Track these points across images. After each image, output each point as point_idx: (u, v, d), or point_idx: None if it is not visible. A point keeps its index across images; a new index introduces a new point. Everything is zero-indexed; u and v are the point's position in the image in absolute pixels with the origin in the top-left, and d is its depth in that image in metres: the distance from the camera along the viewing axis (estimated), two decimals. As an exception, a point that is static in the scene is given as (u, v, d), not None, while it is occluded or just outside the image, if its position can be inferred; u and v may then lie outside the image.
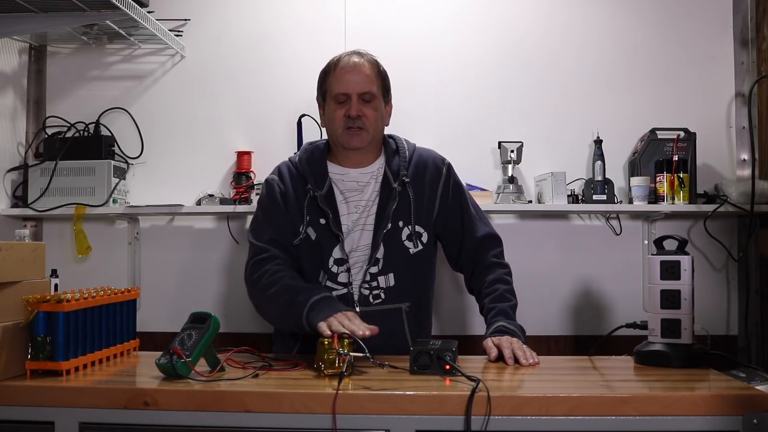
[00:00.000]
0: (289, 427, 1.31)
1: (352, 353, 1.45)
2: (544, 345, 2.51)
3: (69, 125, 2.59)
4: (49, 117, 2.64)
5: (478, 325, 2.41)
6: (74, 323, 1.48)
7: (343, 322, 1.55)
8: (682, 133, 2.44)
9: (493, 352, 1.63)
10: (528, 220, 2.60)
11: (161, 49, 2.64)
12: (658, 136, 2.44)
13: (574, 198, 2.46)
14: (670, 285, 1.59)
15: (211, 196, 2.52)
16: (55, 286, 2.07)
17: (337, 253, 1.83)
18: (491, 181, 2.56)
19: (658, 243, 1.67)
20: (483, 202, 2.32)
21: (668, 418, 1.28)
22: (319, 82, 1.92)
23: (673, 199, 2.39)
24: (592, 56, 2.59)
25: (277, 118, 2.61)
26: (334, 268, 1.83)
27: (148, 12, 2.35)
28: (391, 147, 1.94)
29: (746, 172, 2.51)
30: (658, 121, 2.49)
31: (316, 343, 1.52)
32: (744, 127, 2.54)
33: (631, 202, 2.45)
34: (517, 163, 2.49)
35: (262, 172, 2.44)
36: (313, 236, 1.84)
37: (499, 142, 2.49)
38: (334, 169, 1.91)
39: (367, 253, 1.83)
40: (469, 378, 1.37)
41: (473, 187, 2.47)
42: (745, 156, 2.54)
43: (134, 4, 2.20)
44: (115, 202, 2.49)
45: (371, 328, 1.55)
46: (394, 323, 1.84)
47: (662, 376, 1.48)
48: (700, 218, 2.50)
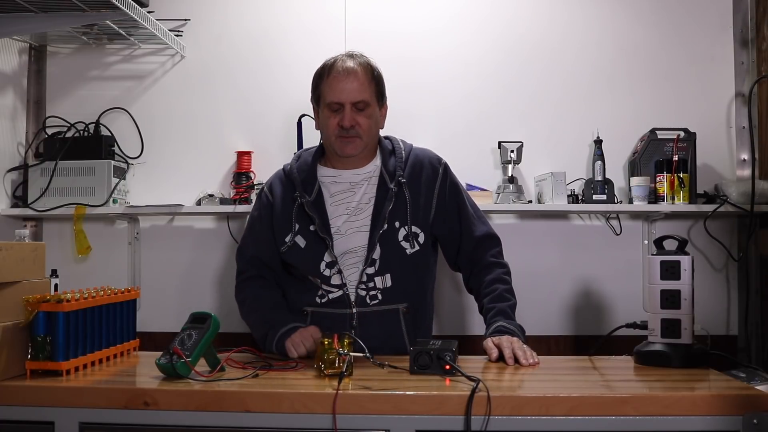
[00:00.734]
0: (289, 427, 1.32)
1: (352, 353, 1.45)
2: (544, 345, 2.51)
3: (69, 125, 2.59)
4: (49, 117, 2.64)
5: (477, 325, 2.41)
6: (74, 323, 1.48)
7: (294, 341, 1.71)
8: (682, 133, 2.44)
9: (494, 353, 1.63)
10: (528, 220, 2.60)
11: (161, 49, 2.64)
12: (658, 136, 2.44)
13: (574, 198, 2.46)
14: (670, 285, 1.59)
15: (211, 196, 2.52)
16: (55, 286, 2.07)
17: (327, 257, 1.83)
18: (491, 181, 2.55)
19: (658, 243, 1.67)
20: (483, 202, 2.32)
21: (668, 418, 1.28)
22: (313, 86, 1.90)
23: (673, 199, 2.39)
24: (592, 56, 2.59)
25: (277, 118, 2.61)
26: (327, 271, 1.83)
27: (148, 12, 2.35)
28: (387, 148, 1.93)
29: (746, 172, 2.51)
30: (658, 121, 2.49)
31: (316, 344, 1.52)
32: (744, 127, 2.54)
33: (631, 202, 2.45)
34: (517, 163, 2.49)
35: (262, 172, 2.45)
36: (303, 243, 1.85)
37: (499, 142, 2.49)
38: (326, 172, 1.91)
39: (363, 254, 1.83)
40: (469, 378, 1.37)
41: (473, 187, 2.47)
42: (745, 156, 2.54)
43: (134, 4, 2.20)
44: (115, 202, 2.49)
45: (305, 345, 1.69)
46: (392, 324, 1.84)
47: (662, 376, 1.48)
48: (700, 218, 2.50)
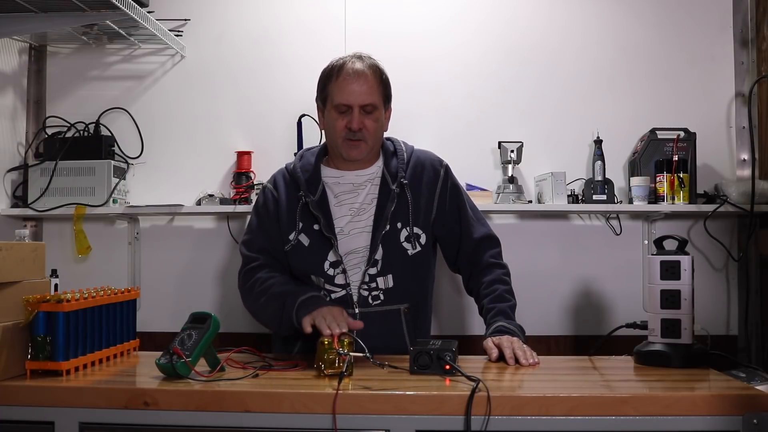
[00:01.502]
0: (289, 427, 1.31)
1: (352, 353, 1.45)
2: (544, 345, 2.51)
3: (69, 125, 2.59)
4: (49, 117, 2.64)
5: (477, 326, 2.41)
6: (74, 323, 1.48)
7: (326, 317, 1.58)
8: (682, 133, 2.44)
9: (494, 353, 1.63)
10: (528, 220, 2.60)
11: (161, 49, 2.64)
12: (658, 136, 2.44)
13: (574, 198, 2.46)
14: (670, 285, 1.59)
15: (211, 196, 2.52)
16: (55, 286, 2.07)
17: (332, 257, 1.83)
18: (491, 181, 2.55)
19: (658, 243, 1.67)
20: (483, 203, 2.33)
21: (668, 418, 1.28)
22: (320, 86, 1.89)
23: (673, 199, 2.39)
24: (592, 56, 2.59)
25: (277, 118, 2.61)
26: (330, 271, 1.83)
27: (148, 12, 2.35)
28: (389, 149, 1.94)
29: (746, 172, 2.51)
30: (658, 121, 2.49)
31: (316, 343, 1.52)
32: (744, 127, 2.54)
33: (631, 202, 2.45)
34: (517, 163, 2.49)
35: (262, 172, 2.45)
36: (306, 242, 1.85)
37: (499, 142, 2.49)
38: (329, 173, 1.91)
39: (365, 255, 1.83)
40: (469, 378, 1.37)
41: (473, 187, 2.47)
42: (745, 156, 2.54)
43: (134, 4, 2.20)
44: (115, 202, 2.49)
45: (354, 323, 1.59)
46: (393, 324, 1.84)
47: (662, 376, 1.48)
48: (700, 218, 2.50)
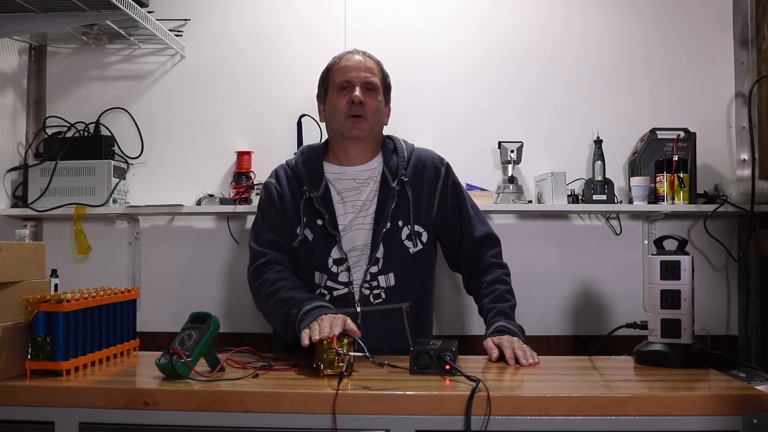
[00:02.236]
0: (289, 427, 1.31)
1: (351, 353, 1.45)
2: (544, 345, 2.51)
3: (69, 125, 2.59)
4: (49, 117, 2.63)
5: (477, 325, 2.41)
6: (74, 323, 1.48)
7: (323, 329, 1.50)
8: (682, 133, 2.43)
9: (494, 353, 1.63)
10: (528, 220, 2.60)
11: (161, 49, 2.64)
12: (658, 136, 2.44)
13: (574, 198, 2.46)
14: (670, 285, 1.59)
15: (211, 196, 2.52)
16: (55, 286, 2.07)
17: (335, 253, 1.84)
18: (491, 181, 2.55)
19: (658, 243, 1.67)
20: (483, 202, 2.32)
21: (668, 418, 1.28)
22: (322, 78, 1.96)
23: (673, 199, 2.39)
24: (592, 56, 2.59)
25: (277, 118, 2.60)
26: (334, 268, 1.84)
27: (148, 12, 2.35)
28: (389, 147, 1.95)
29: (746, 172, 2.51)
30: (658, 121, 2.49)
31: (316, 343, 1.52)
32: (744, 127, 2.54)
33: (631, 202, 2.45)
34: (517, 163, 2.49)
35: (262, 172, 2.45)
36: (311, 237, 1.85)
37: (499, 142, 2.49)
38: (331, 169, 1.92)
39: (367, 253, 1.84)
40: (469, 378, 1.37)
41: (473, 187, 2.47)
42: (745, 156, 2.54)
43: (134, 4, 2.20)
44: (115, 202, 2.49)
45: (353, 331, 1.52)
46: (395, 323, 1.84)
47: (662, 376, 1.48)
48: (700, 218, 2.50)
